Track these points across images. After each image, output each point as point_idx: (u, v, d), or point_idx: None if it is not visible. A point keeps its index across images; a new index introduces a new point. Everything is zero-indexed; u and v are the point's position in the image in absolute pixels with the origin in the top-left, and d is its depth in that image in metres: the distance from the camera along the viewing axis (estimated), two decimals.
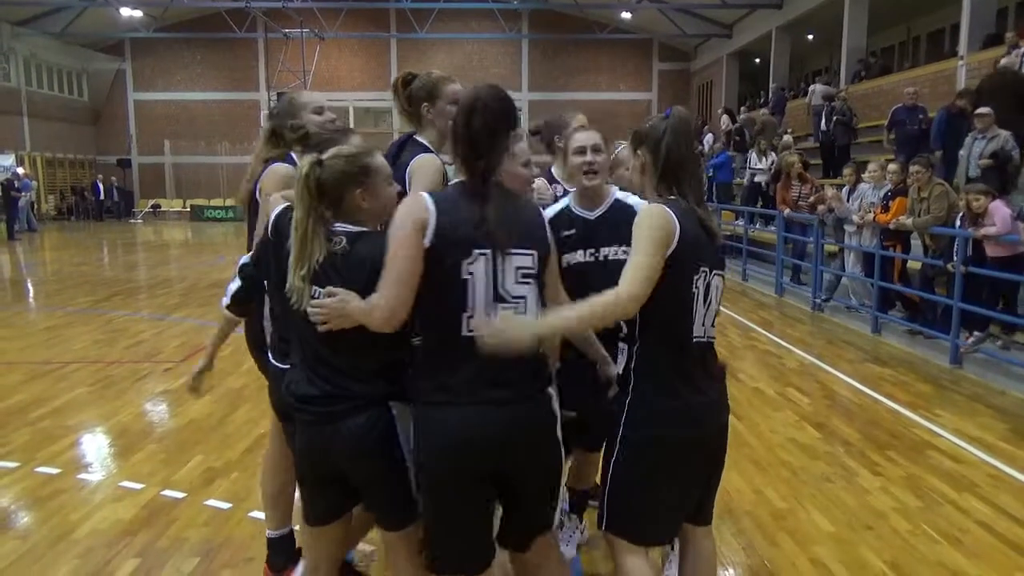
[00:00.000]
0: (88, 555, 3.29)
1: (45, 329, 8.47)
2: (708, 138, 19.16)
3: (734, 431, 4.92)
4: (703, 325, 2.18)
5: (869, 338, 7.91)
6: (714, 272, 2.19)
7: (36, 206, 24.40)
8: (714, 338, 2.25)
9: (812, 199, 9.68)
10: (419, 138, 2.70)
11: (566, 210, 2.78)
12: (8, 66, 24.78)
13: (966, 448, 4.68)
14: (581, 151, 2.72)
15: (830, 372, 6.58)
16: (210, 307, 9.33)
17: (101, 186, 27.60)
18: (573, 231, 2.73)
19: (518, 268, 2.04)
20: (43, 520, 3.64)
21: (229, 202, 27.01)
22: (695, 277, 2.13)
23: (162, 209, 29.19)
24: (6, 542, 3.42)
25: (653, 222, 2.10)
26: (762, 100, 21.69)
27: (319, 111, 2.80)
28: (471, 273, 1.99)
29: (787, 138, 13.71)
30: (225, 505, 3.78)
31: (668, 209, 2.11)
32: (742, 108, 19.64)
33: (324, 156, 2.13)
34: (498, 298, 2.02)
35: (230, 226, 25.09)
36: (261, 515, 3.32)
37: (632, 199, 2.79)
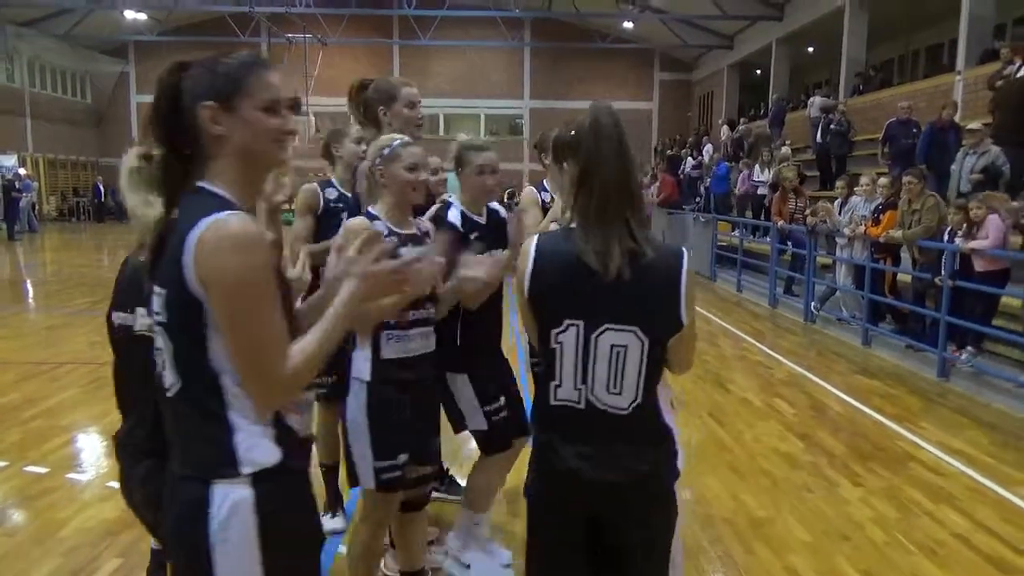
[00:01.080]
0: (72, 553, 3.34)
1: (43, 329, 8.53)
2: (707, 148, 19.25)
3: (717, 439, 5.01)
4: (578, 389, 1.72)
5: (860, 350, 7.95)
6: (604, 327, 1.68)
7: (37, 207, 24.49)
8: (617, 408, 1.72)
9: (807, 212, 9.75)
10: None
11: (467, 214, 2.88)
12: (12, 67, 24.92)
13: (947, 461, 4.72)
14: (483, 171, 2.87)
15: (819, 383, 6.62)
16: None
17: (102, 188, 27.70)
18: (477, 233, 2.85)
19: (153, 312, 1.51)
20: (30, 518, 3.70)
21: None
22: (555, 331, 1.71)
23: None
24: None
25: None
26: (762, 111, 21.77)
27: None
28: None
29: (785, 150, 13.77)
30: None
31: (532, 242, 1.77)
32: (742, 119, 19.72)
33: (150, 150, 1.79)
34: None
35: None
36: None
37: (494, 203, 3.02)
